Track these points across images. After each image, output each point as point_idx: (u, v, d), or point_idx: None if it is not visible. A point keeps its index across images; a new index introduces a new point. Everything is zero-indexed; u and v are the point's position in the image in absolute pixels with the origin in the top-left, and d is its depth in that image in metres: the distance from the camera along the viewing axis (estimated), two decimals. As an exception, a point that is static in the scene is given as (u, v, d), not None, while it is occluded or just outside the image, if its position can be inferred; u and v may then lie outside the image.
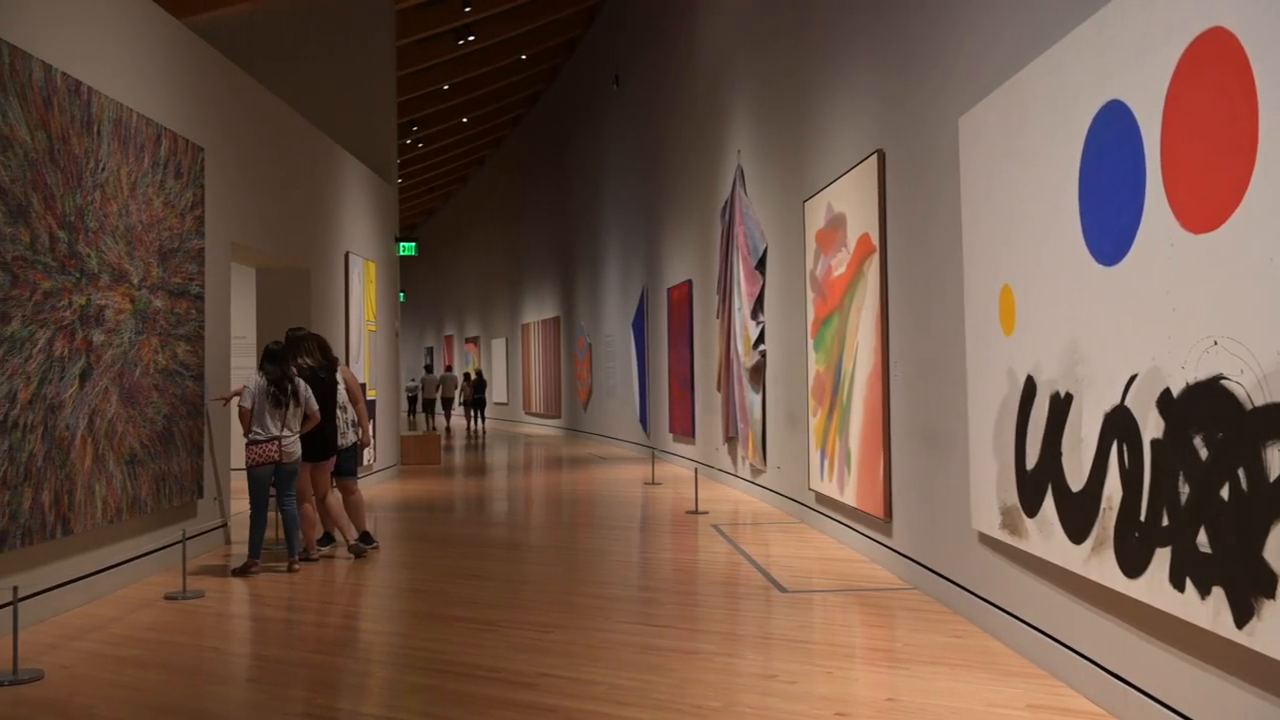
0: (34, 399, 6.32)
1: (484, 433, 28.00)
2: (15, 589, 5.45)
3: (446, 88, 24.02)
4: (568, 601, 6.99)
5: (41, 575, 6.45)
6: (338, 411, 8.79)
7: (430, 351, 43.22)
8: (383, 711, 4.75)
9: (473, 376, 29.35)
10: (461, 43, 20.73)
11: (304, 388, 8.28)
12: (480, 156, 35.07)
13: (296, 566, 8.18)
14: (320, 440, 8.55)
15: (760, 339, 11.75)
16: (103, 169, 7.19)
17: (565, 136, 26.11)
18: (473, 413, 28.55)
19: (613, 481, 14.93)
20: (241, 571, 7.99)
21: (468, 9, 19.39)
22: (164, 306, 8.09)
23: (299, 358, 8.51)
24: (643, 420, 19.11)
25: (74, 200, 6.82)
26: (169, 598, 7.17)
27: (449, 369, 35.25)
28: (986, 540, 5.84)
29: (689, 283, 15.55)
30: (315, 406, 8.38)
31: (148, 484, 7.76)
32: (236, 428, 8.76)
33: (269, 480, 8.13)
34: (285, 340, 8.59)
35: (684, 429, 16.07)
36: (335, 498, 8.82)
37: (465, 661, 5.50)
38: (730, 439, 13.42)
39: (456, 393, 31.07)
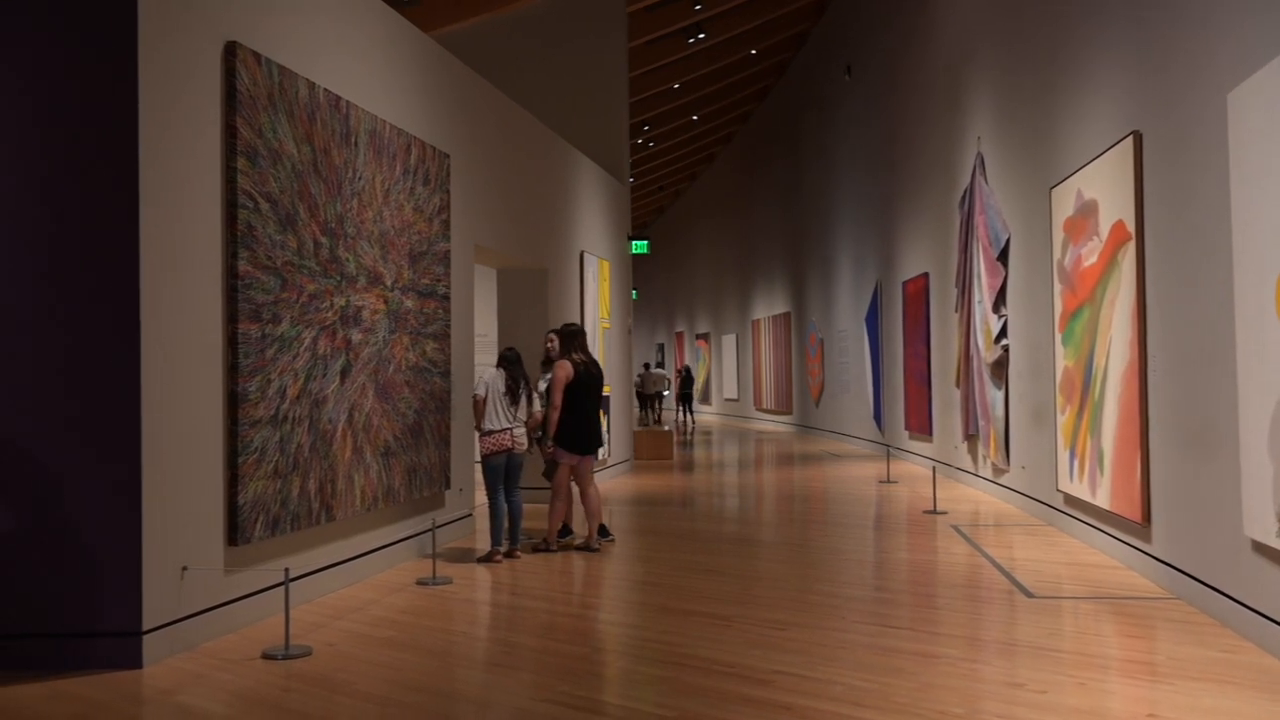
0: (301, 394, 6.79)
1: (693, 425, 29.34)
2: (286, 570, 5.87)
3: (677, 86, 24.27)
4: (802, 599, 6.91)
5: (308, 558, 6.92)
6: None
7: (661, 348, 43.85)
8: (620, 701, 4.83)
9: (680, 373, 31.23)
10: (692, 41, 20.89)
11: (539, 387, 8.63)
12: (710, 153, 35.27)
13: (517, 554, 8.51)
14: (587, 434, 8.78)
15: (1003, 333, 11.26)
16: (359, 178, 7.64)
17: (795, 130, 25.88)
18: (681, 406, 30.30)
19: (846, 479, 14.69)
20: (486, 560, 8.34)
21: (698, 7, 19.51)
22: (414, 306, 8.53)
23: (574, 352, 8.77)
24: (877, 417, 18.71)
25: (335, 208, 7.28)
26: (420, 583, 7.54)
27: (684, 367, 35.99)
28: (1262, 549, 5.37)
29: (925, 276, 15.10)
30: (538, 405, 8.76)
31: (400, 475, 8.20)
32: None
33: (503, 469, 8.45)
34: (561, 334, 8.91)
35: (920, 426, 15.62)
36: (595, 492, 9.04)
37: (700, 655, 5.52)
38: (970, 437, 12.93)
39: (665, 389, 31.90)
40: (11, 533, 5.40)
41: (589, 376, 8.79)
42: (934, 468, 12.60)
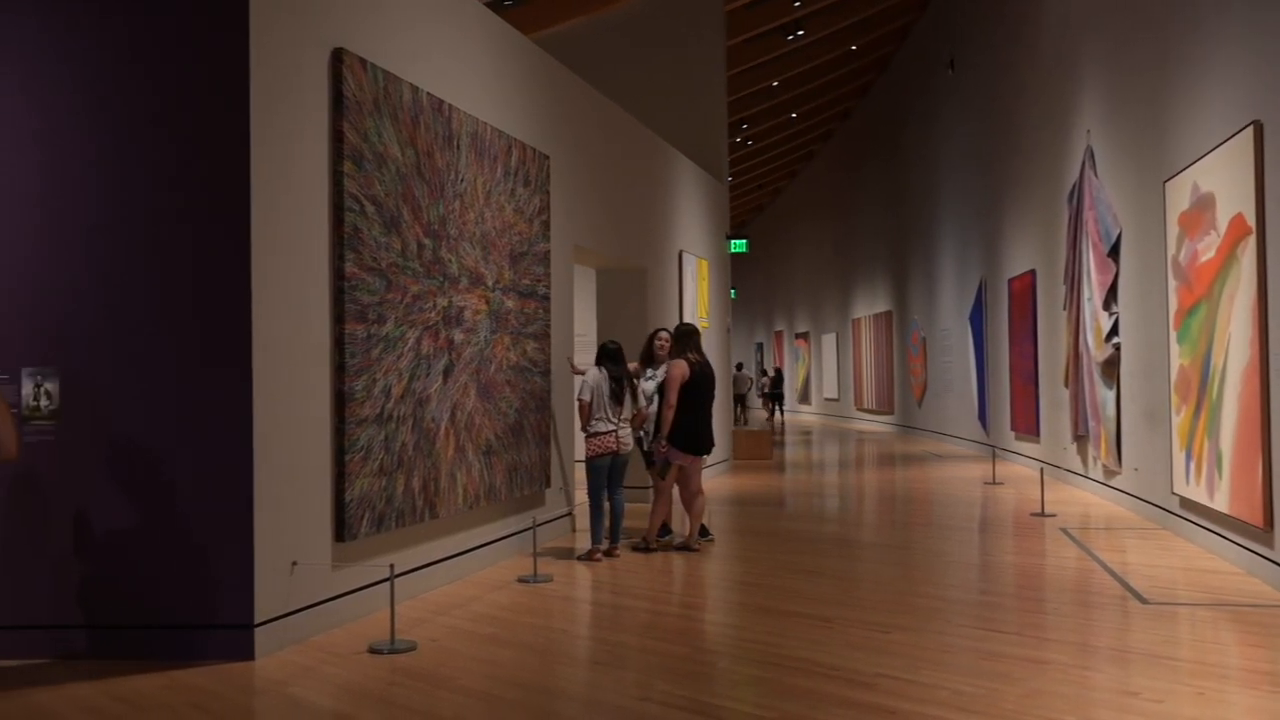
0: (405, 393, 6.92)
1: (782, 424, 30.10)
2: (391, 566, 5.98)
3: (775, 84, 24.11)
4: (905, 602, 6.79)
5: (412, 555, 7.05)
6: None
7: (760, 347, 43.61)
8: (720, 701, 4.81)
9: (770, 373, 32.88)
10: (791, 38, 20.73)
11: (643, 386, 8.65)
12: (809, 151, 34.96)
13: (617, 553, 8.56)
14: (701, 434, 8.77)
15: (1114, 331, 10.92)
16: (461, 180, 7.75)
17: (897, 126, 25.50)
18: (772, 405, 31.29)
19: (950, 480, 14.41)
20: (587, 558, 8.39)
21: (797, 4, 19.36)
22: (514, 307, 8.62)
23: (688, 352, 8.78)
24: (982, 417, 18.32)
25: (437, 210, 7.40)
26: (521, 580, 7.62)
27: (776, 369, 36.25)
28: (1396, 556, 5.10)
29: (1032, 273, 14.73)
30: (643, 403, 8.78)
31: (501, 473, 8.30)
32: (578, 421, 9.19)
33: (607, 470, 8.49)
34: (677, 334, 8.94)
35: (1027, 427, 15.25)
36: (701, 493, 9.02)
37: (801, 657, 5.47)
38: (1079, 438, 12.57)
39: (748, 390, 32.55)
40: (133, 529, 5.61)
41: (703, 377, 8.78)
42: (1041, 469, 12.29)
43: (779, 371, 33.09)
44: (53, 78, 5.69)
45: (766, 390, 32.26)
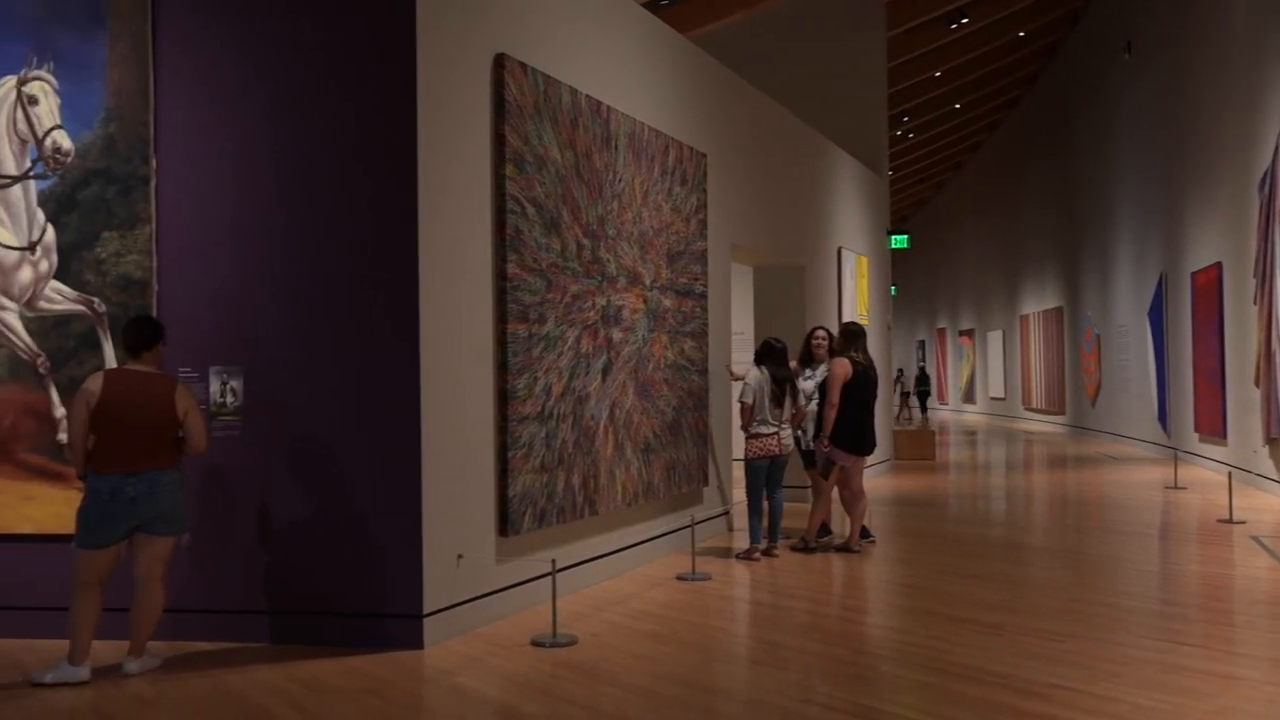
0: (565, 391, 7.02)
1: (926, 423, 29.52)
2: (553, 561, 6.08)
3: (938, 74, 23.50)
4: (1080, 610, 6.50)
5: (572, 551, 7.14)
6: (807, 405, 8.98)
7: (922, 345, 42.60)
8: (885, 706, 4.70)
9: (916, 373, 33.54)
10: (954, 26, 20.17)
11: (803, 386, 8.58)
12: (974, 143, 33.96)
13: (776, 552, 8.49)
14: (864, 435, 8.66)
15: (1309, 325, 10.21)
16: (619, 180, 7.81)
17: (1067, 114, 24.50)
18: (920, 403, 31.88)
19: (1126, 484, 13.75)
20: (745, 557, 8.35)
21: (960, -9, 18.83)
22: (672, 305, 8.64)
23: (853, 352, 8.67)
24: (1162, 418, 17.42)
25: (596, 210, 7.47)
26: (679, 578, 7.63)
27: (920, 367, 36.11)
28: None
29: (1218, 265, 13.92)
30: (803, 402, 8.71)
31: (660, 471, 8.33)
32: (736, 419, 9.15)
33: (766, 470, 8.43)
34: (843, 333, 8.85)
35: (1213, 428, 14.42)
36: (863, 494, 8.87)
37: (969, 664, 5.30)
38: (1272, 440, 11.82)
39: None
40: (310, 520, 5.86)
41: (867, 378, 8.63)
42: (1229, 473, 11.60)
43: (923, 370, 33.02)
44: (241, 82, 5.98)
45: (911, 389, 32.20)
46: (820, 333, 9.29)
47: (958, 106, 27.74)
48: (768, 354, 8.57)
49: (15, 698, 4.94)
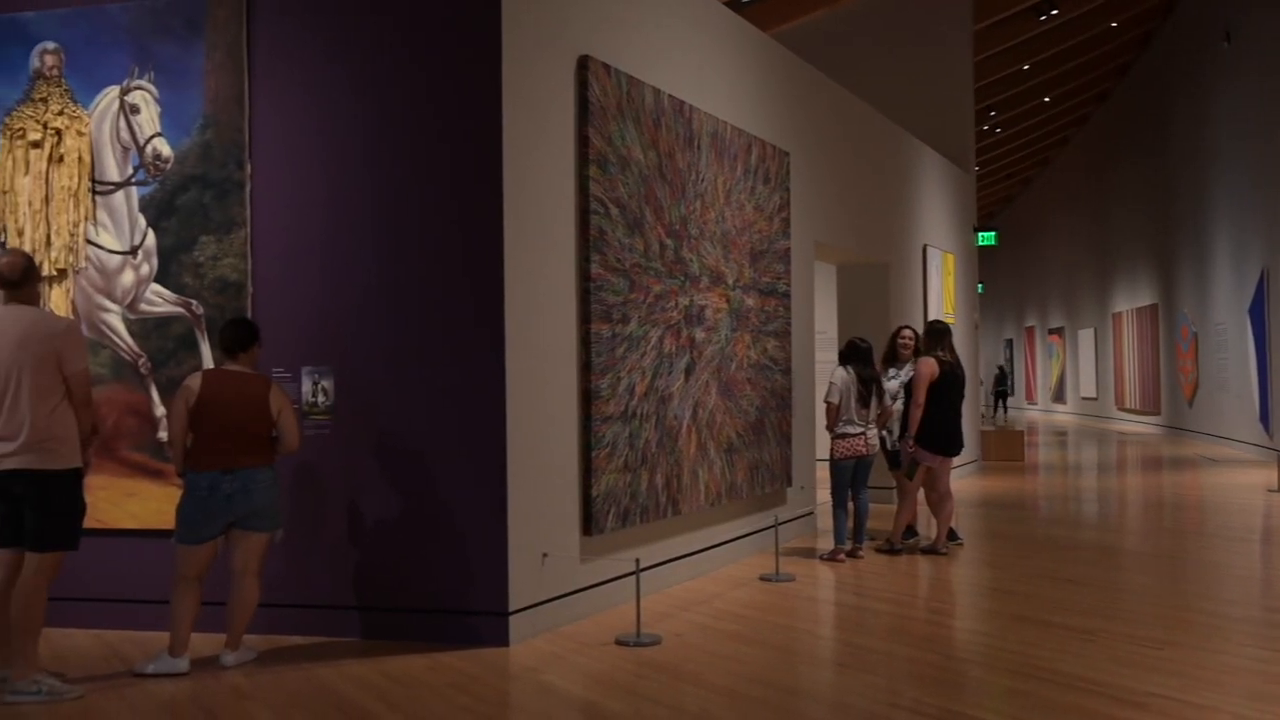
0: (648, 391, 7.03)
1: (1006, 422, 29.41)
2: (637, 561, 6.10)
3: (1026, 67, 23.04)
4: (1177, 616, 6.33)
5: (656, 550, 7.16)
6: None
7: (1010, 344, 41.79)
8: (975, 712, 4.62)
9: (995, 372, 33.32)
10: (1043, 18, 19.75)
11: (891, 385, 8.51)
12: (1062, 137, 33.22)
13: (861, 554, 8.41)
14: (951, 435, 8.54)
15: None
16: (702, 180, 7.81)
17: (1162, 106, 23.83)
18: (997, 403, 31.95)
19: (1226, 486, 13.34)
20: (830, 558, 8.28)
21: (1049, -17, 18.44)
22: (755, 305, 8.60)
23: (938, 351, 8.55)
24: (1264, 419, 16.85)
25: (678, 210, 7.48)
26: (763, 579, 7.60)
27: (999, 367, 35.77)
28: None
29: (1321, 259, 13.41)
30: (889, 402, 8.65)
31: (743, 471, 8.30)
32: (820, 419, 9.08)
33: (851, 471, 8.37)
34: (928, 331, 8.74)
35: (1316, 428, 13.91)
36: (949, 495, 8.74)
37: (1062, 670, 5.19)
38: (1379, 441, 11.36)
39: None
40: (398, 518, 5.96)
41: (954, 377, 8.50)
42: (1335, 475, 11.19)
43: (1002, 369, 32.88)
44: (332, 87, 6.10)
45: (990, 388, 31.99)
46: (907, 332, 9.18)
47: (1046, 100, 27.15)
48: (853, 353, 8.49)
49: (118, 687, 5.11)
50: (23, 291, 5.06)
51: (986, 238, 17.35)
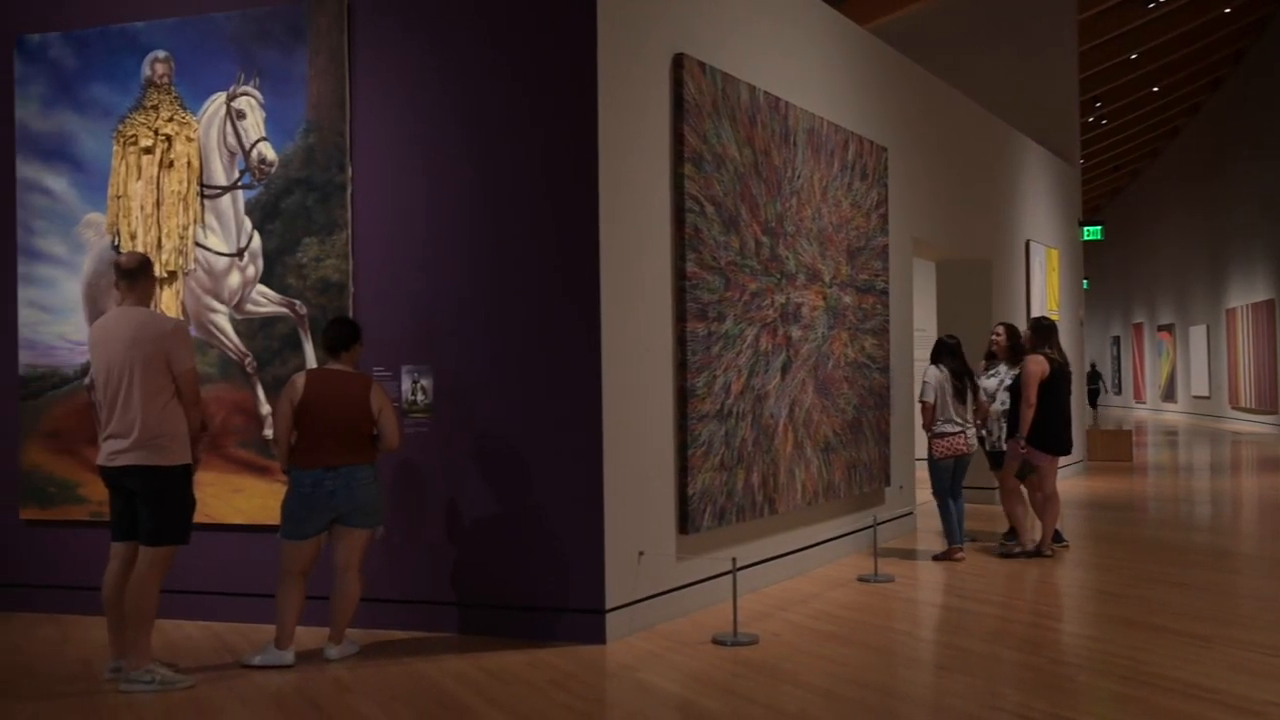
0: (744, 390, 6.99)
1: (1095, 421, 28.23)
2: (734, 560, 6.06)
3: (1134, 56, 22.36)
4: (1298, 623, 6.07)
5: (752, 549, 7.11)
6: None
7: (1116, 341, 40.60)
8: (1083, 718, 4.49)
9: (1086, 370, 31.62)
10: (1151, 6, 19.15)
11: (989, 384, 8.36)
12: (1172, 127, 32.15)
13: (961, 555, 8.22)
14: (1061, 433, 8.31)
15: None
16: (798, 177, 7.73)
17: (1278, 93, 22.89)
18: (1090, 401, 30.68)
19: (1349, 488, 12.75)
20: (944, 558, 8.16)
21: (1158, -32, 17.88)
22: (852, 302, 8.49)
23: (1045, 349, 8.33)
24: (1388, 417, 16.08)
25: (774, 208, 7.42)
26: (861, 579, 7.49)
27: (1091, 364, 34.99)
28: None
29: None
30: (984, 399, 8.52)
31: (840, 470, 8.20)
32: (919, 418, 8.93)
33: (952, 470, 8.22)
34: (1035, 328, 8.52)
35: None
36: (1056, 495, 8.48)
37: (1174, 676, 5.01)
38: None
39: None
40: (496, 515, 6.02)
41: (1062, 375, 8.27)
42: None
43: (1093, 366, 31.78)
44: (430, 89, 6.19)
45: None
46: (998, 329, 9.01)
47: (1155, 90, 26.31)
48: (944, 351, 8.35)
49: (227, 678, 5.26)
50: (138, 285, 5.22)
51: (1092, 232, 16.90)
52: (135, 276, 5.23)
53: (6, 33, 6.93)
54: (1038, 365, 8.12)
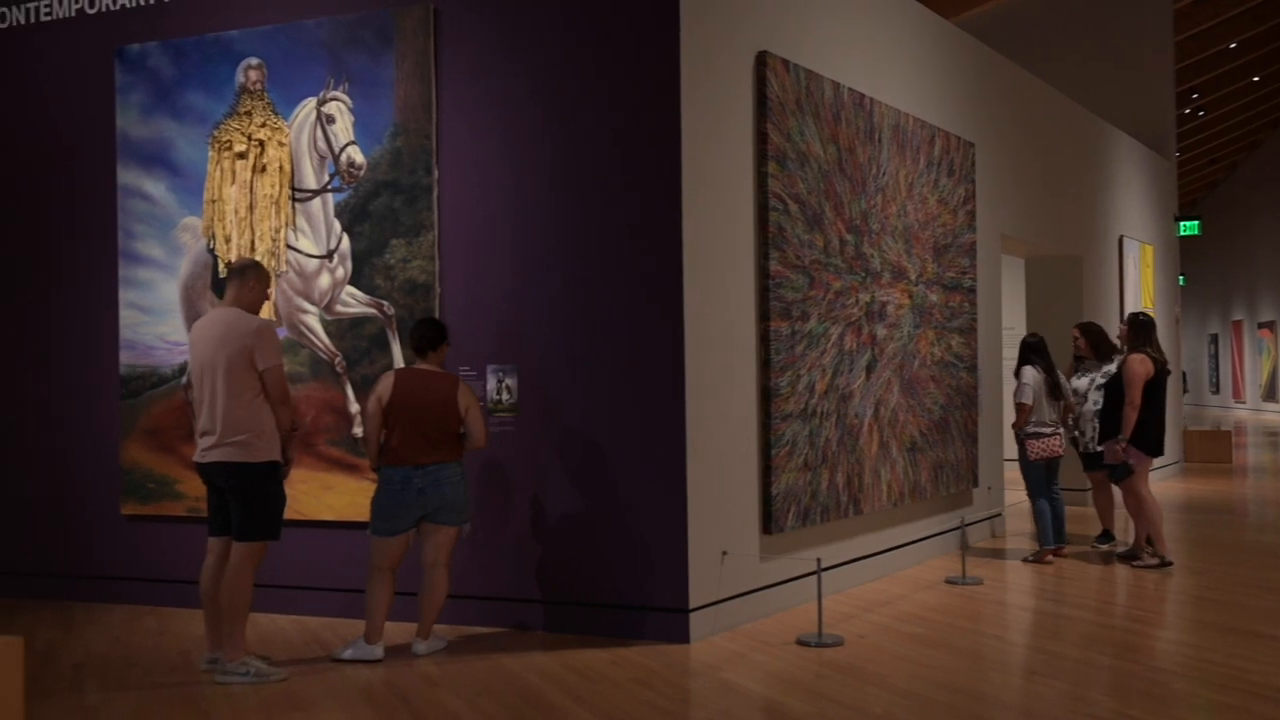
0: (829, 389, 6.93)
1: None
2: (818, 560, 6.01)
3: (1233, 46, 21.66)
4: None
5: (837, 550, 7.04)
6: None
7: (1214, 339, 39.38)
8: (1178, 728, 4.38)
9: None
10: (1251, -7, 18.54)
11: (1080, 384, 8.24)
12: (1273, 118, 31.07)
13: (1050, 559, 8.08)
14: (1160, 435, 8.06)
15: None
16: (883, 174, 7.64)
17: (1387, 81, 22.00)
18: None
19: None
20: (1036, 560, 8.06)
21: (1258, -46, 17.29)
22: (938, 300, 8.37)
23: (1145, 347, 8.08)
24: None
25: (859, 205, 7.34)
26: (949, 581, 7.38)
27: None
28: None
29: None
30: (1072, 398, 8.38)
31: (926, 470, 8.09)
32: (1007, 418, 8.76)
33: (1045, 470, 8.08)
34: (1133, 324, 8.24)
35: None
36: (1153, 498, 8.21)
37: (1275, 685, 4.85)
38: None
39: None
40: (580, 514, 6.06)
41: (1163, 374, 8.02)
42: None
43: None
44: (514, 91, 6.24)
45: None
46: (1075, 333, 8.80)
47: (1255, 80, 25.44)
48: (1034, 351, 8.17)
49: (318, 671, 5.38)
50: (237, 287, 5.35)
51: (1189, 227, 16.42)
52: (233, 277, 5.37)
53: (108, 44, 7.16)
54: (1143, 365, 7.82)
